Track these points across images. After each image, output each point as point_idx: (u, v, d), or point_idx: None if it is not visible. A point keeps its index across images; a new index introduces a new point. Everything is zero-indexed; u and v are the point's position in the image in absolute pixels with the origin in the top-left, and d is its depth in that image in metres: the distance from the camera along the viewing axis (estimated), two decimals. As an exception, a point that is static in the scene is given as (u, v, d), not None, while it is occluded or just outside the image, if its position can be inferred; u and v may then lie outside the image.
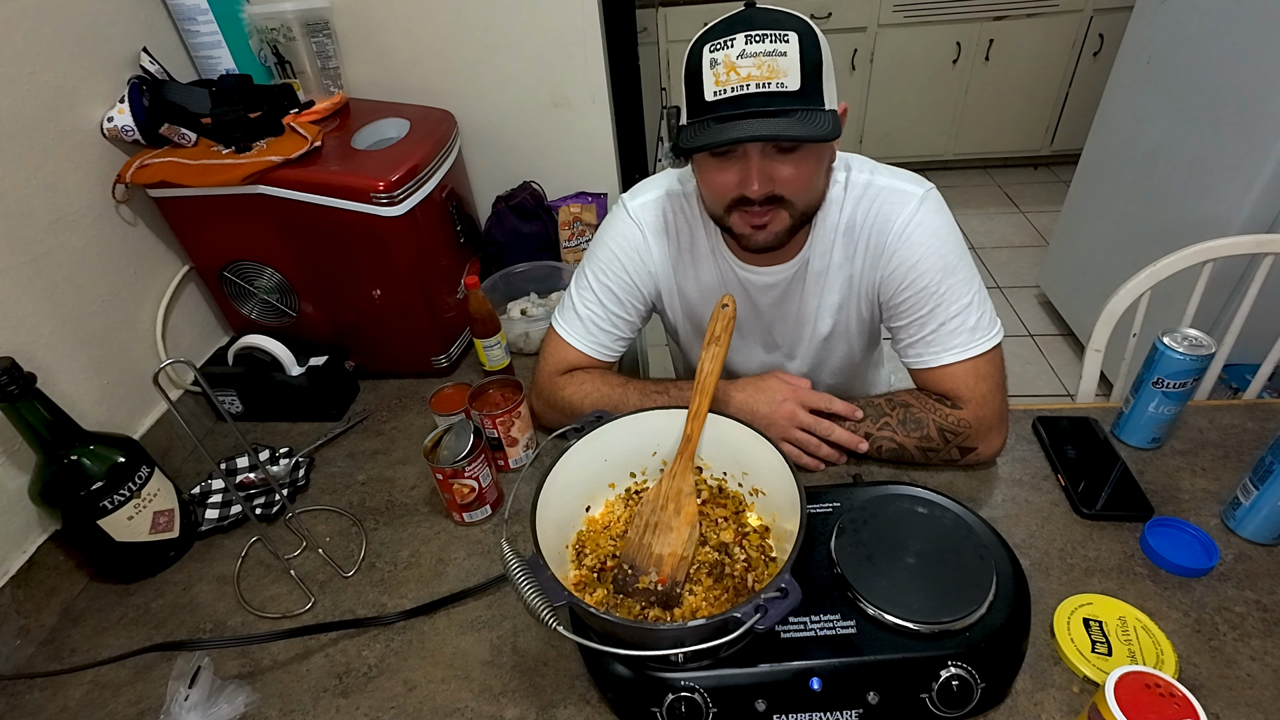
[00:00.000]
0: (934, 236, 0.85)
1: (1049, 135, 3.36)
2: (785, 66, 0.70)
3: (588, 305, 0.95)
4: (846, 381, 1.08)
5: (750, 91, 0.70)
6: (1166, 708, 0.54)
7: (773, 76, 0.70)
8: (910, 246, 0.85)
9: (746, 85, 0.70)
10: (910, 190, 0.86)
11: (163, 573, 0.87)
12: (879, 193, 0.86)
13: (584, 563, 0.73)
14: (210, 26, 1.08)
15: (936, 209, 0.86)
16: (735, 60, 0.70)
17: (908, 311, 0.88)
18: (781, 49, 0.70)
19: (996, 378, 0.86)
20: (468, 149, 1.32)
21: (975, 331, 0.85)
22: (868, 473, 0.89)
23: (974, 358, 0.85)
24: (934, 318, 0.86)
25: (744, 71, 0.70)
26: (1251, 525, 0.77)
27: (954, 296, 0.85)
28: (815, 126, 0.71)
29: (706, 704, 0.61)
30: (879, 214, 0.86)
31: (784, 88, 0.70)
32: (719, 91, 0.72)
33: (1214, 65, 1.70)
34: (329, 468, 1.00)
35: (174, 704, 0.67)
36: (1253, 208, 1.61)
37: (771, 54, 0.70)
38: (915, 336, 0.88)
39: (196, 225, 1.04)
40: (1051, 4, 2.97)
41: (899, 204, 0.85)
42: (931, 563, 0.69)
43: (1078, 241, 2.34)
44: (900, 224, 0.85)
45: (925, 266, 0.85)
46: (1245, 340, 1.14)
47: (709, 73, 0.72)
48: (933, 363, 0.87)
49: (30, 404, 0.76)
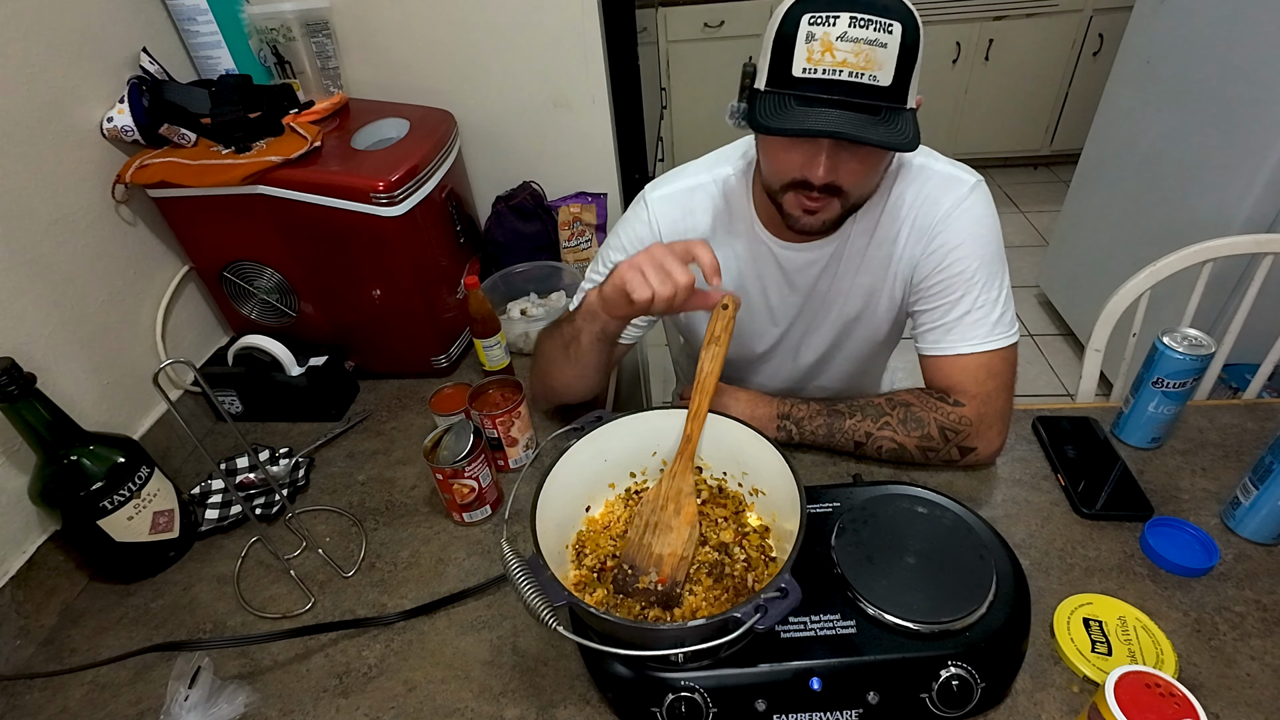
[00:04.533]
0: (979, 225, 0.85)
1: (1049, 135, 3.36)
2: (883, 59, 0.67)
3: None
4: (856, 374, 1.08)
5: (841, 79, 0.67)
6: (1166, 707, 0.53)
7: (868, 68, 0.67)
8: (955, 230, 0.85)
9: (839, 71, 0.67)
10: (963, 178, 0.86)
11: (163, 573, 0.87)
12: (931, 175, 0.86)
13: (584, 563, 0.73)
14: (210, 27, 1.08)
15: (985, 200, 0.86)
16: (834, 41, 0.66)
17: (937, 295, 0.87)
18: (883, 39, 0.66)
19: (1006, 377, 0.86)
20: (468, 149, 1.32)
21: (997, 326, 0.85)
22: (868, 473, 0.89)
23: (990, 351, 0.85)
24: (960, 305, 0.86)
25: (840, 56, 0.66)
26: (1251, 525, 0.77)
27: (985, 287, 0.85)
28: (897, 133, 0.69)
29: (706, 704, 0.61)
30: (929, 196, 0.86)
31: (875, 81, 0.67)
32: (809, 70, 0.68)
33: (1214, 65, 1.70)
34: (329, 468, 1.00)
35: (174, 704, 0.67)
36: (1252, 207, 1.61)
37: (873, 43, 0.66)
38: (938, 322, 0.88)
39: (196, 225, 1.04)
40: (1051, 4, 2.97)
41: (950, 188, 0.85)
42: (931, 563, 0.69)
43: (1077, 241, 2.34)
44: (949, 206, 0.85)
45: (965, 252, 0.85)
46: (1245, 340, 1.14)
47: (802, 46, 0.68)
48: (949, 350, 0.87)
49: (30, 404, 0.76)
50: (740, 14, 3.01)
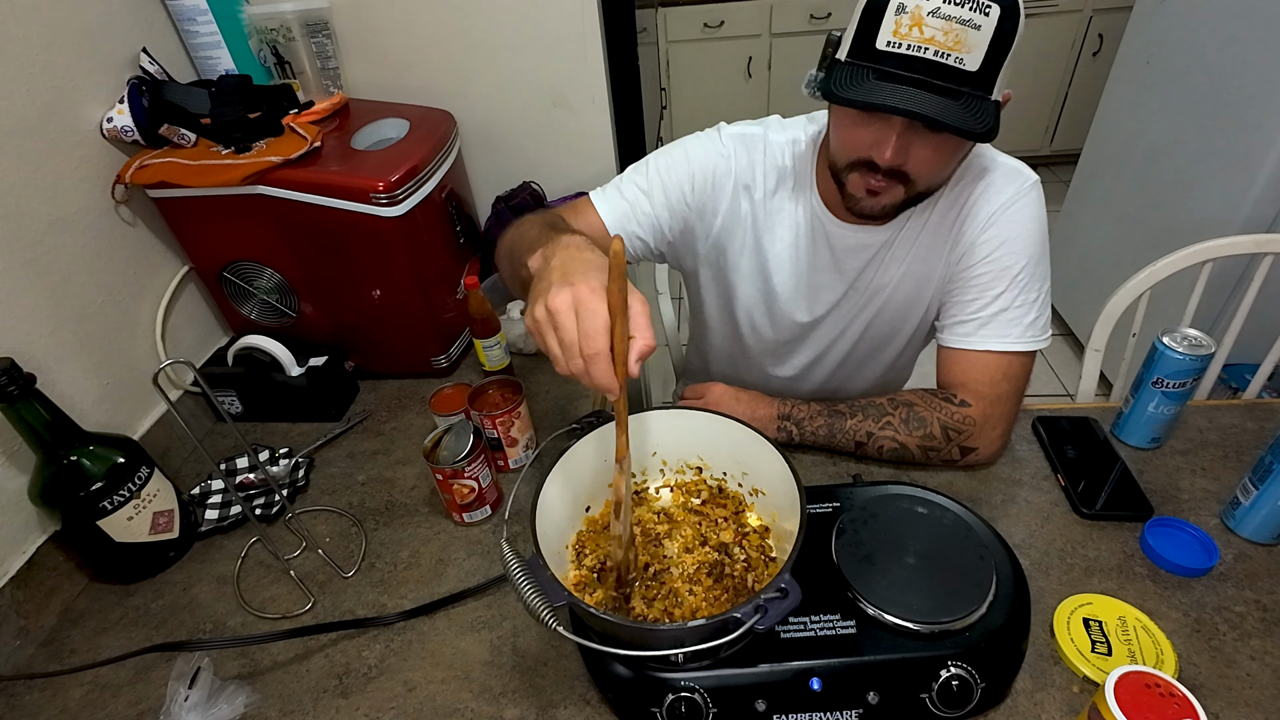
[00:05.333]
0: (1033, 223, 0.84)
1: (1048, 135, 3.36)
2: (974, 42, 0.64)
3: (637, 187, 0.91)
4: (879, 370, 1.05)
5: (926, 57, 0.65)
6: (1166, 707, 0.53)
7: (956, 49, 0.64)
8: (1009, 222, 0.83)
9: (925, 49, 0.64)
10: (1025, 173, 0.85)
11: (162, 573, 0.87)
12: (996, 165, 0.85)
13: (584, 563, 0.73)
14: (210, 27, 1.08)
15: (1041, 201, 0.85)
16: (925, 16, 0.63)
17: (978, 286, 0.85)
18: (978, 20, 0.63)
19: (1020, 382, 0.86)
20: (467, 149, 1.32)
21: (1030, 328, 0.85)
22: (868, 473, 0.89)
23: (1014, 353, 0.85)
24: (1000, 300, 0.84)
25: (928, 32, 0.64)
26: (1251, 525, 0.77)
27: (1028, 286, 0.84)
28: (977, 120, 0.65)
29: (706, 704, 0.61)
30: (990, 185, 0.84)
31: (961, 64, 0.64)
32: (893, 44, 0.65)
33: (1214, 65, 1.70)
34: (329, 468, 1.00)
35: (174, 704, 0.67)
36: (1252, 208, 1.61)
37: (966, 23, 0.63)
38: (973, 315, 0.86)
39: (196, 225, 1.04)
40: (1051, 4, 2.97)
41: (1011, 181, 0.84)
42: (931, 563, 0.69)
43: (1077, 241, 2.34)
44: (1007, 199, 0.84)
45: (1015, 247, 0.83)
46: (1245, 340, 1.14)
47: (890, 18, 0.65)
48: (976, 345, 0.86)
49: (30, 404, 0.76)
50: (740, 14, 3.01)
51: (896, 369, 1.08)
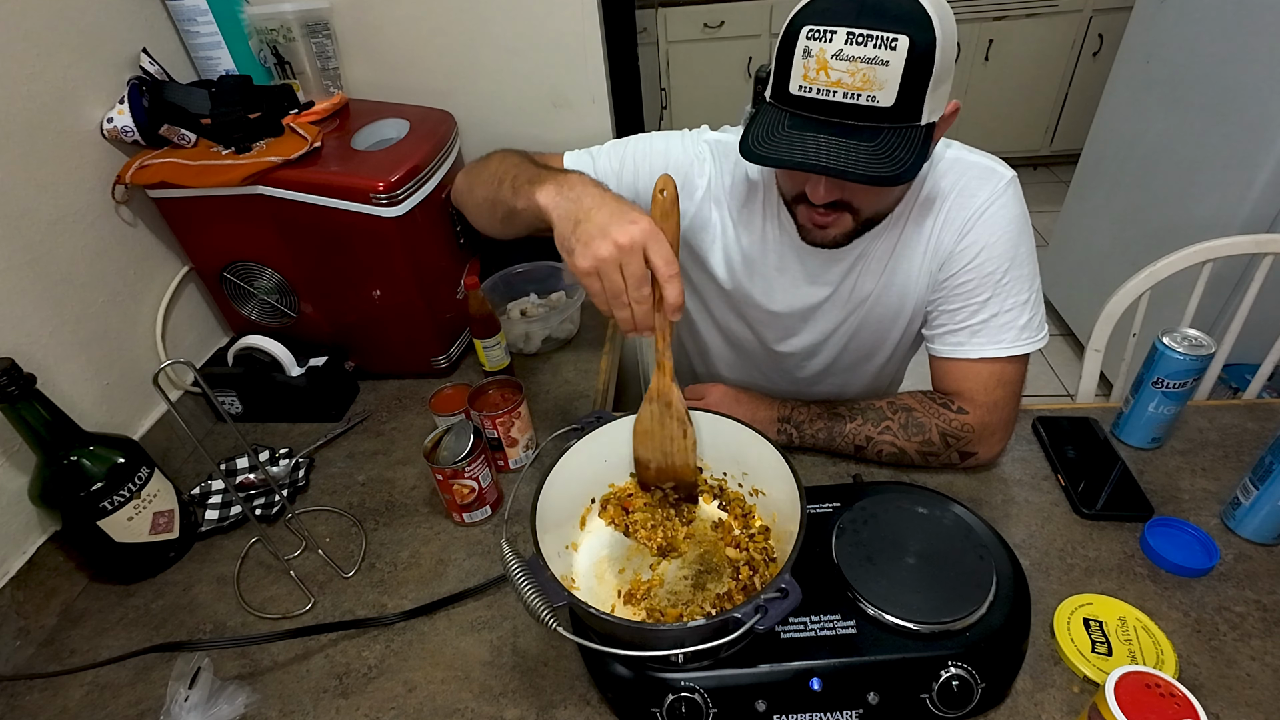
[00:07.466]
0: (1013, 224, 0.83)
1: (1048, 135, 3.36)
2: (884, 78, 0.62)
3: (609, 166, 0.91)
4: (867, 377, 1.05)
5: (836, 100, 0.64)
6: (1166, 708, 0.54)
7: (866, 88, 0.63)
8: (988, 226, 0.82)
9: (833, 92, 0.64)
10: (999, 171, 0.83)
11: (163, 573, 0.87)
12: (968, 167, 0.83)
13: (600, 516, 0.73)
14: (210, 27, 1.08)
15: (1018, 197, 0.84)
16: (829, 60, 0.63)
17: (963, 294, 0.85)
18: (884, 56, 0.61)
19: (1017, 385, 0.85)
20: (468, 149, 1.32)
21: (1024, 331, 0.84)
22: (868, 473, 0.89)
23: (1010, 358, 0.84)
24: (988, 307, 0.83)
25: (834, 75, 0.63)
26: (1251, 525, 0.77)
27: (1015, 290, 0.83)
28: (890, 162, 0.64)
29: (706, 704, 0.61)
30: (965, 188, 0.83)
31: (875, 101, 0.63)
32: (804, 88, 0.65)
33: (1214, 65, 1.70)
34: (329, 468, 1.00)
35: (174, 705, 0.67)
36: (1252, 208, 1.61)
37: (871, 61, 0.62)
38: (962, 324, 0.85)
39: (196, 226, 1.04)
40: (1051, 4, 2.97)
41: (986, 181, 0.82)
42: (931, 563, 0.69)
43: (1077, 241, 2.34)
44: (984, 200, 0.82)
45: (997, 251, 0.82)
46: (1245, 340, 1.14)
47: (799, 62, 0.65)
48: (972, 354, 0.85)
49: (30, 405, 0.75)
50: (740, 14, 3.01)
51: (884, 377, 1.08)
